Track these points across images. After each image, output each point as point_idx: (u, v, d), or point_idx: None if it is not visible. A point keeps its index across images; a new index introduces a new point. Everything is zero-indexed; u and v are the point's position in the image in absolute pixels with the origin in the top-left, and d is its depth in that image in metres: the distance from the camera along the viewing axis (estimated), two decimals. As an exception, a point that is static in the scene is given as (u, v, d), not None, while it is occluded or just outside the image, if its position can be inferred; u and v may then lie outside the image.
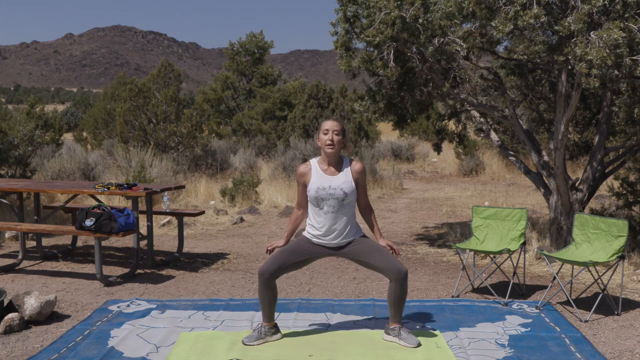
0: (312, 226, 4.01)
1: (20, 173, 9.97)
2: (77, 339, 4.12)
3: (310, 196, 3.92)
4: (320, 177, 3.91)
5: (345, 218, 3.93)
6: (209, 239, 7.83)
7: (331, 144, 3.87)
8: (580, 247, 5.00)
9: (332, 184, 3.88)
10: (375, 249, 3.97)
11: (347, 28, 6.33)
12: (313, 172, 3.95)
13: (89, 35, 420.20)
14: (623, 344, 4.07)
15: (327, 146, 3.88)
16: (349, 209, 3.94)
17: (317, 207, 3.93)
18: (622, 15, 5.07)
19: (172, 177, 11.21)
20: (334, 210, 3.89)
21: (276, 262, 3.95)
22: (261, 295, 3.99)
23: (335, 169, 3.94)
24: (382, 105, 6.94)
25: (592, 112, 7.45)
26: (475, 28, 5.91)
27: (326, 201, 3.88)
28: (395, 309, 3.99)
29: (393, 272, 3.87)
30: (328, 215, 3.91)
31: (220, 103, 22.57)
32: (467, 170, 15.32)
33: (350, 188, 3.89)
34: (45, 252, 6.68)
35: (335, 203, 3.88)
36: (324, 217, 3.92)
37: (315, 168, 3.96)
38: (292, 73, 44.80)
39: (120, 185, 6.03)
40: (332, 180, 3.89)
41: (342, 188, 3.87)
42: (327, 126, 3.91)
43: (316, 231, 3.99)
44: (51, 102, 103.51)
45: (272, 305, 4.02)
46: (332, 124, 3.91)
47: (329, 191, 3.86)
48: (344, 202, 3.89)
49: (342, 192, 3.87)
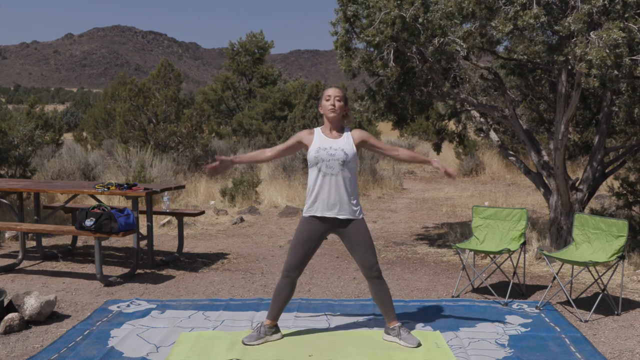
0: (311, 196, 3.93)
1: (20, 173, 9.97)
2: (77, 339, 4.12)
3: (310, 157, 3.89)
4: (321, 139, 3.94)
5: (344, 185, 3.87)
6: (209, 239, 7.83)
7: (333, 108, 3.90)
8: (580, 247, 5.00)
9: (333, 145, 3.89)
10: (362, 243, 3.94)
11: (347, 28, 6.33)
12: (315, 136, 3.97)
13: (89, 35, 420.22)
14: (623, 344, 4.07)
15: (329, 110, 3.91)
16: (349, 176, 3.88)
17: (316, 168, 3.88)
18: (622, 15, 5.07)
19: (172, 177, 11.21)
20: (334, 172, 3.85)
21: (297, 255, 3.95)
22: (279, 292, 4.00)
23: (338, 133, 3.97)
24: (382, 105, 6.94)
25: (592, 112, 7.45)
26: (475, 28, 5.90)
27: (326, 162, 3.85)
28: (383, 307, 4.01)
29: (366, 268, 3.94)
30: (327, 178, 3.86)
31: (220, 103, 22.57)
32: (467, 170, 15.32)
33: (351, 150, 3.89)
34: (45, 252, 6.68)
35: (336, 165, 3.85)
36: (321, 181, 3.87)
37: (318, 133, 3.99)
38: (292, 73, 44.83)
39: (120, 185, 6.03)
40: (334, 142, 3.91)
41: (343, 149, 3.87)
42: (329, 92, 3.96)
43: (315, 200, 3.91)
44: (51, 102, 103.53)
45: (285, 304, 4.05)
46: (334, 91, 3.95)
47: (330, 151, 3.86)
48: (345, 165, 3.85)
49: (343, 153, 3.85)
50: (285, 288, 4.00)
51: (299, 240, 3.99)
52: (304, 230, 4.00)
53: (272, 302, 4.06)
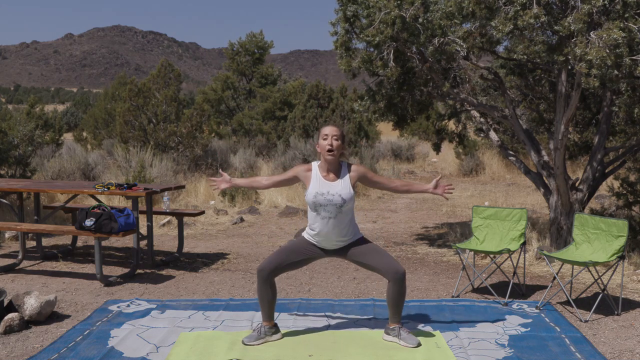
0: (311, 229, 4.03)
1: (20, 173, 9.97)
2: (77, 339, 4.12)
3: (309, 201, 3.93)
4: (319, 182, 3.92)
5: (343, 223, 3.94)
6: (209, 239, 7.83)
7: (331, 149, 3.87)
8: (580, 247, 5.00)
9: (330, 190, 3.88)
10: (373, 250, 3.99)
11: (347, 28, 6.33)
12: (313, 177, 3.95)
13: (89, 35, 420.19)
14: (623, 344, 4.07)
15: (327, 152, 3.88)
16: (347, 214, 3.94)
17: (315, 212, 3.94)
18: (622, 15, 5.07)
19: (172, 177, 11.21)
20: (332, 216, 3.90)
21: (275, 260, 3.97)
22: (260, 293, 4.00)
23: (335, 175, 3.94)
24: (382, 105, 6.94)
25: (592, 112, 7.45)
26: (475, 28, 5.90)
27: (324, 207, 3.89)
28: (395, 309, 4.00)
29: (390, 272, 3.89)
30: (325, 220, 3.92)
31: (220, 103, 22.57)
32: (467, 170, 15.32)
33: (349, 195, 3.90)
34: (45, 252, 6.68)
35: (333, 209, 3.89)
36: (321, 223, 3.93)
37: (316, 173, 3.96)
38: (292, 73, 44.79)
39: (120, 185, 6.03)
40: (331, 186, 3.90)
41: (341, 194, 3.88)
42: (326, 131, 3.91)
43: (314, 234, 4.01)
44: (51, 102, 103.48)
45: (271, 304, 4.02)
46: (332, 130, 3.91)
47: (327, 197, 3.87)
48: (342, 209, 3.90)
49: (341, 199, 3.87)
50: (262, 287, 3.98)
51: (286, 249, 4.04)
52: (297, 245, 4.06)
53: (259, 304, 4.06)
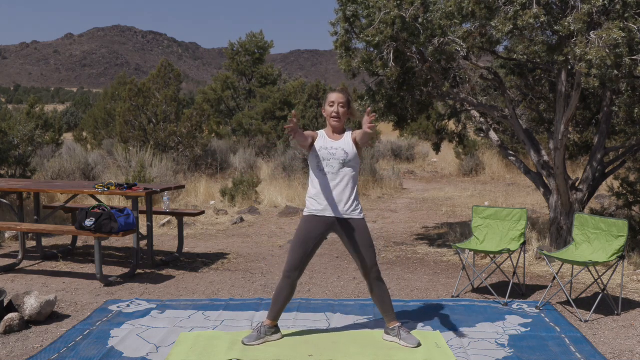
0: (311, 195, 4.01)
1: (20, 173, 9.97)
2: (77, 339, 4.12)
3: (313, 157, 3.98)
4: (324, 139, 4.01)
5: (344, 183, 3.93)
6: (209, 239, 7.83)
7: (336, 116, 3.97)
8: (580, 247, 5.00)
9: (334, 145, 3.96)
10: (364, 243, 3.98)
11: (347, 28, 6.33)
12: (319, 137, 4.04)
13: (89, 35, 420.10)
14: (623, 344, 4.07)
15: (333, 118, 3.98)
16: (349, 176, 3.94)
17: (318, 169, 3.97)
18: (622, 15, 5.07)
19: (172, 177, 11.21)
20: (334, 171, 3.92)
21: (297, 256, 3.98)
22: (280, 293, 4.02)
23: (339, 135, 4.04)
24: (382, 106, 6.94)
25: (592, 112, 7.45)
26: (475, 28, 5.90)
27: (327, 161, 3.93)
28: (383, 307, 4.03)
29: (365, 269, 3.97)
30: (328, 176, 3.94)
31: (220, 103, 22.58)
32: (467, 170, 15.32)
33: (352, 150, 3.95)
34: (45, 252, 6.68)
35: (336, 164, 3.92)
36: (323, 180, 3.95)
37: (322, 134, 4.07)
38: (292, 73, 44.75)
39: (120, 185, 6.03)
40: (335, 142, 3.98)
41: (343, 148, 3.94)
42: (332, 98, 3.99)
43: (315, 197, 3.98)
44: (51, 102, 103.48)
45: (285, 304, 4.06)
46: (338, 96, 3.98)
47: (331, 151, 3.94)
48: (345, 165, 3.92)
49: (343, 152, 3.92)
50: (285, 289, 4.02)
51: (299, 240, 4.01)
52: (304, 230, 4.02)
53: (272, 302, 4.06)
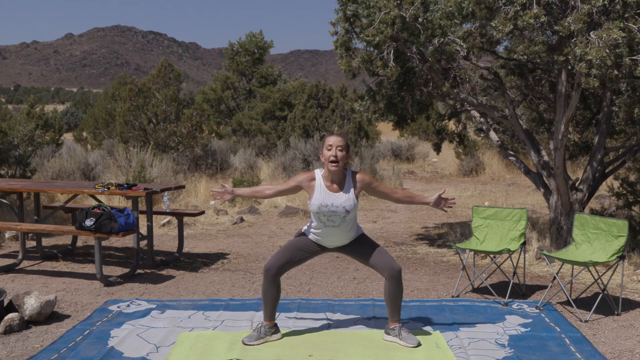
0: (314, 231, 4.04)
1: (20, 173, 9.97)
2: (77, 339, 4.12)
3: (313, 211, 3.95)
4: (323, 193, 3.91)
5: (346, 229, 3.98)
6: (209, 239, 7.83)
7: (335, 160, 3.85)
8: (580, 247, 5.00)
9: (334, 202, 3.88)
10: (372, 248, 4.01)
11: (347, 28, 6.33)
12: (317, 187, 3.92)
13: (89, 35, 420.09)
14: (623, 344, 4.07)
15: (331, 163, 3.86)
16: (350, 221, 3.97)
17: (318, 220, 3.96)
18: (622, 15, 5.07)
19: (172, 177, 11.20)
20: (335, 225, 3.93)
21: (282, 259, 3.99)
22: (265, 292, 4.01)
23: (339, 185, 3.93)
24: (382, 105, 6.94)
25: (592, 112, 7.45)
26: (475, 28, 5.90)
27: (328, 217, 3.91)
28: (393, 307, 4.02)
29: (386, 269, 3.93)
30: (328, 228, 3.96)
31: (220, 103, 22.57)
32: (467, 170, 15.31)
33: (352, 205, 3.91)
34: (45, 252, 6.68)
35: (337, 219, 3.91)
36: (324, 230, 3.97)
37: (319, 183, 3.93)
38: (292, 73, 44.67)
39: (120, 185, 6.02)
40: (335, 198, 3.89)
41: (345, 206, 3.89)
42: (330, 142, 3.88)
43: (317, 235, 4.04)
44: (51, 102, 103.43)
45: (275, 303, 4.04)
46: (336, 140, 3.89)
47: (332, 209, 3.89)
48: (346, 218, 3.92)
49: (344, 210, 3.89)
50: (269, 287, 4.00)
51: (291, 247, 4.06)
52: (301, 243, 4.08)
53: (263, 303, 4.07)
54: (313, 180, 3.95)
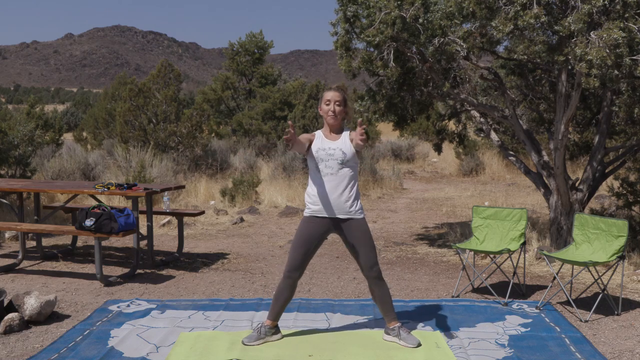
0: (311, 196, 3.98)
1: (20, 173, 9.97)
2: (77, 339, 4.12)
3: (311, 160, 3.97)
4: (321, 140, 3.99)
5: (343, 183, 3.91)
6: (209, 239, 7.83)
7: (333, 114, 3.94)
8: (580, 247, 5.00)
9: (331, 145, 3.94)
10: (365, 242, 3.96)
11: (347, 28, 6.32)
12: (316, 138, 4.03)
13: (89, 35, 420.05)
14: (623, 344, 4.07)
15: (329, 116, 3.95)
16: (348, 176, 3.92)
17: (316, 169, 3.95)
18: (622, 15, 5.07)
19: (172, 177, 11.20)
20: (333, 171, 3.90)
21: (298, 256, 3.97)
22: (280, 293, 4.02)
23: (337, 135, 4.01)
24: (382, 106, 6.94)
25: (592, 112, 7.45)
26: (475, 28, 5.90)
27: (325, 162, 3.91)
28: (383, 307, 4.03)
29: (367, 269, 3.96)
30: (327, 177, 3.91)
31: (220, 103, 22.57)
32: (467, 170, 15.31)
33: (349, 150, 3.92)
34: (45, 252, 6.68)
35: (335, 164, 3.90)
36: (321, 180, 3.93)
37: (319, 135, 4.05)
38: (292, 73, 44.73)
39: (120, 185, 6.02)
40: (332, 142, 3.96)
41: (341, 148, 3.92)
42: (328, 96, 3.96)
43: (314, 197, 3.96)
44: (51, 102, 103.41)
45: (286, 304, 4.06)
46: (334, 95, 3.95)
47: (329, 151, 3.92)
48: (343, 165, 3.90)
49: (341, 152, 3.90)
50: (286, 289, 4.01)
51: (299, 240, 4.01)
52: (304, 230, 4.02)
53: (272, 302, 4.06)
54: (313, 136, 4.06)
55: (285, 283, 4.01)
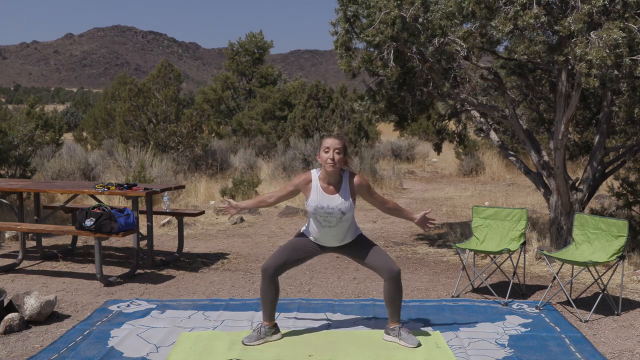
0: (312, 231, 4.05)
1: (20, 173, 9.97)
2: (77, 339, 4.12)
3: (309, 212, 3.98)
4: (320, 195, 3.91)
5: (343, 230, 3.98)
6: (209, 239, 7.83)
7: (332, 162, 3.85)
8: (580, 247, 5.00)
9: (330, 204, 3.89)
10: (371, 249, 4.02)
11: (347, 28, 6.33)
12: (313, 188, 3.94)
13: (89, 35, 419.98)
14: (623, 344, 4.07)
15: (328, 165, 3.85)
16: (347, 222, 3.97)
17: (315, 219, 3.97)
18: (622, 15, 5.07)
19: (172, 177, 11.20)
20: (332, 225, 3.95)
21: (280, 258, 3.99)
22: (264, 292, 4.01)
23: (335, 187, 3.93)
24: (383, 105, 6.94)
25: (592, 112, 7.45)
26: (475, 28, 5.90)
27: (324, 218, 3.93)
28: (392, 307, 4.02)
29: (385, 270, 3.93)
30: (325, 229, 3.97)
31: (220, 103, 22.58)
32: (467, 170, 15.31)
33: (348, 207, 3.91)
34: (45, 252, 6.68)
35: (334, 220, 3.93)
36: (321, 230, 3.99)
37: (316, 184, 3.94)
38: (292, 73, 44.75)
39: (120, 185, 6.02)
40: (331, 200, 3.90)
41: (340, 208, 3.89)
42: (328, 144, 3.87)
43: (315, 236, 4.05)
44: (51, 102, 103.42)
45: (274, 303, 4.04)
46: (334, 142, 3.87)
47: (327, 210, 3.90)
48: (342, 219, 3.93)
49: (340, 212, 3.90)
50: (267, 287, 4.00)
51: (290, 247, 4.07)
52: (299, 243, 4.09)
53: (261, 303, 4.07)
54: (310, 182, 3.95)
55: (263, 281, 4.00)
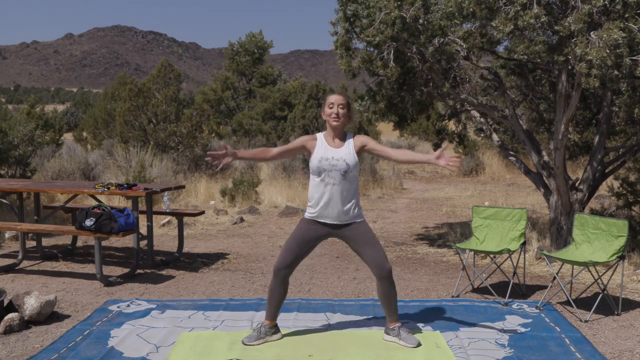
0: (312, 202, 3.97)
1: (20, 173, 9.97)
2: (77, 339, 4.12)
3: (313, 166, 3.93)
4: (324, 148, 3.94)
5: (345, 192, 3.90)
6: (209, 239, 7.83)
7: (336, 117, 3.90)
8: (580, 247, 5.00)
9: (335, 155, 3.89)
10: (369, 241, 3.95)
11: (347, 28, 6.33)
12: (318, 144, 3.97)
13: (89, 35, 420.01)
14: (623, 344, 4.07)
15: (333, 119, 3.90)
16: (350, 183, 3.91)
17: (318, 177, 3.92)
18: (622, 15, 5.07)
19: (172, 177, 11.21)
20: (336, 182, 3.88)
21: (289, 255, 3.98)
22: (272, 292, 4.00)
23: (340, 141, 3.96)
24: (383, 105, 6.94)
25: (592, 112, 7.45)
26: (475, 28, 5.90)
27: (328, 172, 3.88)
28: (388, 307, 4.01)
29: (376, 267, 3.92)
30: (329, 187, 3.89)
31: (220, 103, 22.60)
32: (467, 170, 15.32)
33: (353, 160, 3.89)
34: (45, 252, 6.68)
35: (337, 175, 3.87)
36: (324, 190, 3.90)
37: (321, 140, 3.98)
38: (292, 73, 44.77)
39: (120, 185, 6.02)
40: (336, 152, 3.91)
41: (345, 159, 3.88)
42: (332, 100, 3.94)
43: (315, 205, 3.94)
44: (51, 102, 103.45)
45: (280, 303, 4.05)
46: (337, 98, 3.94)
47: (332, 162, 3.88)
48: (346, 175, 3.88)
49: (345, 164, 3.87)
50: (277, 287, 4.00)
51: (295, 240, 4.03)
52: (302, 231, 4.03)
53: (267, 302, 4.06)
54: (315, 140, 4.00)
55: (275, 281, 3.99)
